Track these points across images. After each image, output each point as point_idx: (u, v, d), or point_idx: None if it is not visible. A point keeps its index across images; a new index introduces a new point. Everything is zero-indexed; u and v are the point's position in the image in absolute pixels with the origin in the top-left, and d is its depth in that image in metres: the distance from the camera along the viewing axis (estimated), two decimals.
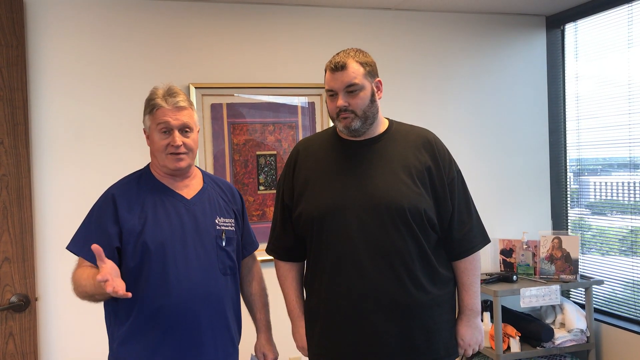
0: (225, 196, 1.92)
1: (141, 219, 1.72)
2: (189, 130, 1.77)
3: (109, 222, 1.71)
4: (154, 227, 1.72)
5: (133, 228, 1.70)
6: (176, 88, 1.79)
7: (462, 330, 1.88)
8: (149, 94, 1.80)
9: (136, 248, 1.70)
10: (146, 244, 1.69)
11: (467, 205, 1.87)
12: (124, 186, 1.80)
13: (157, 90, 1.79)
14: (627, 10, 3.03)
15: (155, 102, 1.75)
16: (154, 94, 1.78)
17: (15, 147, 2.49)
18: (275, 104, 3.05)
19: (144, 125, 1.81)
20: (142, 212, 1.73)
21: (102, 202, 1.76)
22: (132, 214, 1.72)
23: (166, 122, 1.73)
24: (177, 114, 1.73)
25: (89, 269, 1.68)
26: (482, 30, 3.39)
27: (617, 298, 3.18)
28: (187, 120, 1.75)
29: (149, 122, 1.77)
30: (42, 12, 2.68)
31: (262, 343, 1.99)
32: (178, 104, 1.74)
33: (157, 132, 1.75)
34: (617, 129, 3.13)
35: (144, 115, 1.79)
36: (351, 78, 1.73)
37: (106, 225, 1.71)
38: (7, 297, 2.44)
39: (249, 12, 3.00)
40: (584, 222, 3.43)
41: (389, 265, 1.73)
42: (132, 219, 1.71)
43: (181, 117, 1.74)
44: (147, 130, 1.80)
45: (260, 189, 3.03)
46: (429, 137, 1.87)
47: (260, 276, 2.04)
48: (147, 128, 1.79)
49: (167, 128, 1.74)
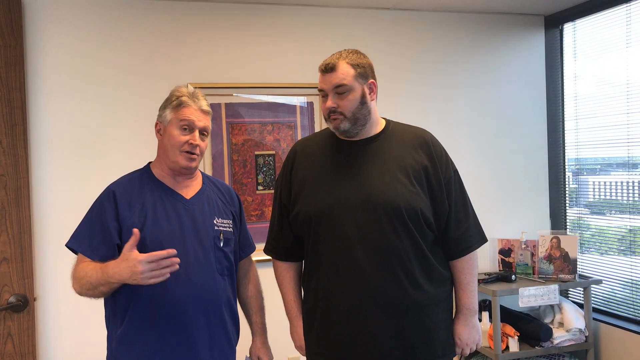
0: (223, 197, 1.93)
1: (141, 218, 1.72)
2: (206, 134, 1.82)
3: (110, 218, 1.72)
4: (154, 225, 1.73)
5: (133, 226, 1.70)
6: (200, 93, 1.83)
7: (459, 330, 1.89)
8: (173, 91, 1.82)
9: (137, 247, 1.70)
10: (145, 242, 1.69)
11: (464, 205, 1.87)
12: (124, 184, 1.80)
13: (181, 89, 1.82)
14: (626, 10, 3.03)
15: (183, 99, 1.78)
16: (178, 92, 1.81)
17: (14, 147, 2.49)
18: (274, 104, 3.05)
19: (160, 118, 1.81)
20: (142, 211, 1.74)
21: (103, 199, 1.76)
22: (132, 212, 1.73)
23: (191, 121, 1.76)
24: (201, 116, 1.79)
25: (93, 263, 1.68)
26: (481, 30, 3.39)
27: (615, 297, 3.18)
28: (208, 124, 1.82)
29: (170, 116, 1.78)
30: (41, 12, 2.68)
31: (258, 346, 1.99)
32: (203, 107, 1.80)
33: (178, 128, 1.76)
34: (616, 128, 3.14)
35: (165, 109, 1.80)
36: (340, 79, 1.74)
37: (107, 222, 1.71)
38: (6, 298, 2.44)
39: (248, 12, 3.00)
40: (583, 222, 3.43)
41: (385, 264, 1.74)
42: (132, 217, 1.72)
43: (204, 119, 1.80)
44: (163, 124, 1.80)
45: (259, 189, 3.03)
46: (426, 137, 1.87)
47: (256, 279, 2.05)
48: (166, 122, 1.79)
49: (190, 126, 1.77)
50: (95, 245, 1.71)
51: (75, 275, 1.71)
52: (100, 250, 1.70)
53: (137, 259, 1.55)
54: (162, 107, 1.82)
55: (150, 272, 1.55)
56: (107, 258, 1.68)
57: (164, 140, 1.79)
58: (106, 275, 1.60)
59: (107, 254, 1.69)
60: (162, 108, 1.82)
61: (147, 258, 1.55)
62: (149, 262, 1.55)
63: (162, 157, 1.82)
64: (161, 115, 1.81)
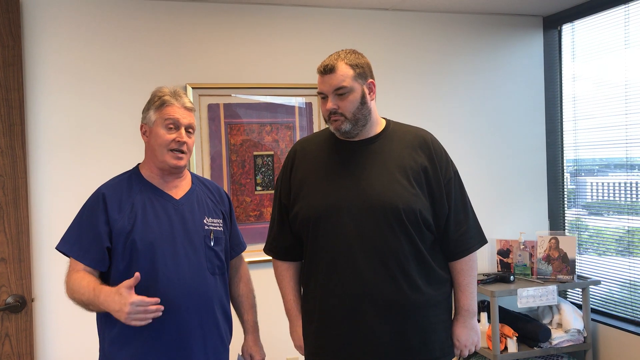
0: (213, 197, 1.94)
1: (130, 219, 1.73)
2: (191, 131, 1.83)
3: (99, 221, 1.72)
4: (143, 227, 1.73)
5: (123, 228, 1.71)
6: (181, 91, 1.84)
7: (457, 331, 1.89)
8: (155, 92, 1.83)
9: (125, 248, 1.71)
10: (135, 243, 1.70)
11: (464, 206, 1.87)
12: (114, 186, 1.80)
13: (163, 89, 1.83)
14: (624, 11, 3.04)
15: (165, 99, 1.79)
16: (160, 92, 1.82)
17: (12, 147, 2.49)
18: (272, 105, 3.05)
19: (144, 120, 1.82)
20: (132, 212, 1.74)
21: (92, 202, 1.77)
22: (121, 214, 1.73)
23: (176, 119, 1.77)
24: (185, 113, 1.80)
25: (88, 276, 1.68)
26: (479, 31, 3.40)
27: (614, 298, 3.18)
28: (192, 121, 1.83)
29: (154, 117, 1.79)
30: (39, 12, 2.68)
31: (250, 344, 2.00)
32: (186, 105, 1.82)
33: (163, 127, 1.77)
34: (614, 129, 3.14)
35: (148, 110, 1.81)
36: (339, 81, 1.73)
37: (97, 225, 1.72)
38: (3, 298, 2.43)
39: (247, 13, 3.00)
40: (581, 223, 3.43)
41: (383, 265, 1.73)
42: (122, 220, 1.72)
43: (188, 117, 1.81)
44: (148, 125, 1.81)
45: (258, 190, 3.03)
46: (426, 138, 1.87)
47: (247, 277, 2.06)
48: (151, 123, 1.80)
49: (175, 125, 1.78)
50: (86, 249, 1.71)
51: (69, 284, 1.71)
52: (91, 253, 1.71)
53: (129, 301, 1.55)
54: (146, 108, 1.83)
55: (135, 314, 1.56)
56: (97, 261, 1.70)
57: (151, 141, 1.80)
58: (97, 301, 1.62)
59: (97, 257, 1.71)
60: (145, 110, 1.83)
61: (138, 302, 1.56)
62: (138, 306, 1.56)
63: (150, 158, 1.83)
64: (145, 117, 1.82)
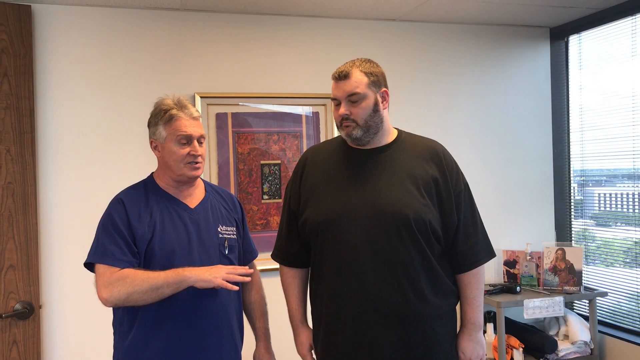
0: (226, 205, 1.94)
1: (150, 228, 1.73)
2: (203, 140, 1.82)
3: (124, 227, 1.71)
4: (162, 235, 1.74)
5: (143, 236, 1.72)
6: (184, 99, 1.82)
7: (463, 344, 1.88)
8: (159, 105, 1.80)
9: (145, 256, 1.71)
10: (154, 251, 1.71)
11: (473, 219, 1.87)
12: (131, 194, 1.80)
13: (166, 100, 1.80)
14: (631, 23, 3.04)
15: (172, 112, 1.76)
16: (165, 104, 1.79)
17: (22, 155, 2.51)
18: (279, 114, 3.07)
19: (154, 135, 1.80)
20: (151, 220, 1.74)
21: (114, 209, 1.75)
22: (141, 222, 1.73)
23: (189, 135, 1.76)
24: (194, 124, 1.78)
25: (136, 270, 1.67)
26: (487, 42, 3.41)
27: (621, 310, 3.16)
28: (202, 131, 1.82)
29: (165, 133, 1.77)
30: (50, 22, 2.71)
31: (262, 352, 2.00)
32: (193, 115, 1.80)
33: (176, 143, 1.76)
34: (621, 140, 3.13)
35: (157, 126, 1.78)
36: (353, 87, 1.74)
37: (123, 231, 1.71)
38: (12, 305, 2.45)
39: (254, 23, 3.02)
40: (588, 234, 3.42)
41: (391, 274, 1.74)
42: (142, 228, 1.73)
43: (198, 127, 1.80)
44: (159, 141, 1.79)
45: (265, 198, 3.04)
46: (438, 149, 1.87)
47: (259, 285, 2.05)
48: (162, 139, 1.78)
49: (188, 140, 1.76)
50: (123, 252, 1.69)
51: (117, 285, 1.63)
52: (127, 256, 1.69)
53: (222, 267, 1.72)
54: (153, 123, 1.80)
55: (226, 275, 1.68)
56: (133, 264, 1.69)
57: (164, 156, 1.79)
58: (178, 278, 1.65)
59: (132, 260, 1.69)
60: (152, 124, 1.80)
61: (229, 269, 1.71)
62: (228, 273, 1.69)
63: (164, 171, 1.83)
64: (155, 133, 1.79)
